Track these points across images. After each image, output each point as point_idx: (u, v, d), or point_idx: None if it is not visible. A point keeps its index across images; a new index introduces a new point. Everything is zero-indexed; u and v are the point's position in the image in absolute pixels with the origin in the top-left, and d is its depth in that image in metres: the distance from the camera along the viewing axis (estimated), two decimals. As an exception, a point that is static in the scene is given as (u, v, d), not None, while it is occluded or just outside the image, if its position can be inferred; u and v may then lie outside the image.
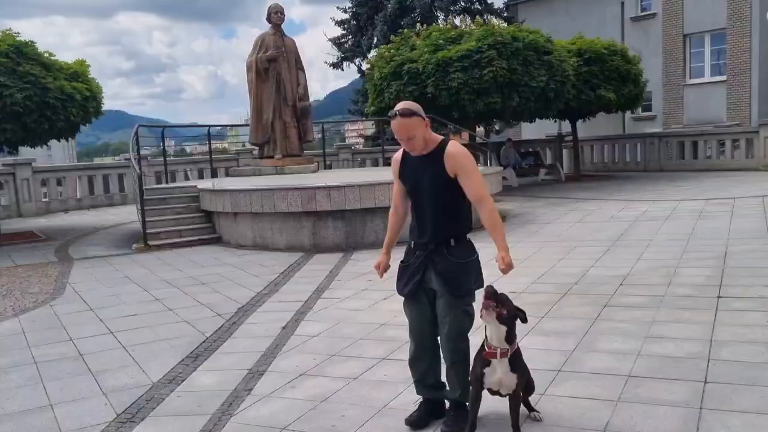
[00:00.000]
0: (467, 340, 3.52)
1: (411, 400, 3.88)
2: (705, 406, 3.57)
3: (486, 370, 3.30)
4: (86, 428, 3.84)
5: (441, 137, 3.51)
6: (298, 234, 9.76)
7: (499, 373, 3.28)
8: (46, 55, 11.51)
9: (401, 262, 3.60)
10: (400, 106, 3.38)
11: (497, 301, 3.24)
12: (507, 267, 3.35)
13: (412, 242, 3.56)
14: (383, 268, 3.68)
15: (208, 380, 4.53)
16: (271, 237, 9.98)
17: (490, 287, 3.30)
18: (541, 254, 8.22)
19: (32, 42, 11.38)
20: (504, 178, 15.10)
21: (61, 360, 5.11)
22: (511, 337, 3.30)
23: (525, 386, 3.45)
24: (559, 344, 4.75)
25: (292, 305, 6.47)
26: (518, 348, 3.37)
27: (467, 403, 3.59)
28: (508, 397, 3.37)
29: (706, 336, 4.69)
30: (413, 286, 3.49)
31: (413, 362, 3.65)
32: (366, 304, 6.31)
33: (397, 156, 3.59)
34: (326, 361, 4.75)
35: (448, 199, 3.42)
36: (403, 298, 3.61)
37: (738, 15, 22.01)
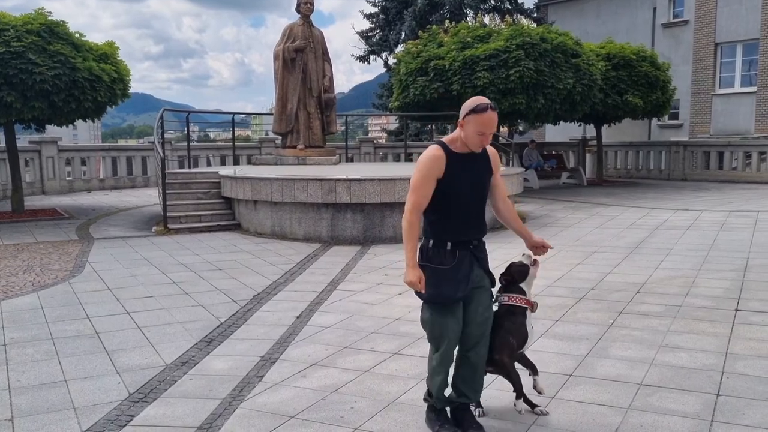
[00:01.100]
0: None
1: (420, 395, 3.87)
2: (716, 419, 3.54)
3: (528, 328, 3.64)
4: (99, 405, 3.90)
5: None
6: (316, 225, 9.80)
7: (533, 325, 3.67)
8: (76, 35, 11.64)
9: (436, 266, 3.33)
10: (484, 100, 3.26)
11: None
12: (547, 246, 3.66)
13: (449, 243, 3.33)
14: (424, 283, 3.29)
15: (221, 365, 4.57)
16: (290, 226, 10.03)
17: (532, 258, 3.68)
18: (559, 258, 8.17)
19: (64, 22, 11.51)
20: (525, 179, 15.03)
21: (77, 337, 5.19)
22: None
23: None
24: (572, 349, 4.73)
25: (307, 295, 6.50)
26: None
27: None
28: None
29: (722, 348, 4.64)
30: (470, 286, 3.34)
31: (443, 372, 3.42)
32: (381, 298, 6.33)
33: (440, 154, 3.29)
34: (338, 353, 4.77)
35: (487, 195, 3.51)
36: (420, 299, 3.42)
37: (772, 26, 21.64)
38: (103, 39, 13.90)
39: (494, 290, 3.53)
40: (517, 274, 3.63)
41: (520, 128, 27.91)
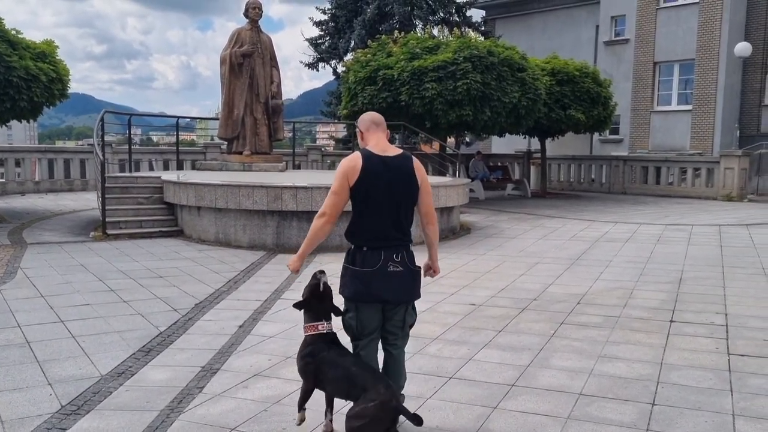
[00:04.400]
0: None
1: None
2: (651, 428, 3.63)
3: None
4: (28, 418, 3.73)
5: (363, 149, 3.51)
6: (261, 232, 9.67)
7: None
8: (12, 32, 11.22)
9: None
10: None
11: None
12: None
13: None
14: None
15: (159, 376, 4.44)
16: (234, 234, 9.87)
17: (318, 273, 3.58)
18: (503, 268, 8.29)
19: None
20: (471, 190, 15.22)
21: (6, 346, 4.96)
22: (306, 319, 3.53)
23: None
24: (514, 359, 4.79)
25: (250, 304, 6.40)
26: (306, 339, 3.50)
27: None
28: None
29: (657, 359, 4.78)
30: None
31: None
32: (325, 307, 6.27)
33: None
34: (281, 363, 4.70)
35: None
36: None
37: (707, 47, 22.61)
38: (42, 37, 13.43)
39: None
40: None
41: (467, 140, 28.30)
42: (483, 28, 29.61)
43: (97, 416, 3.78)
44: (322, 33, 30.38)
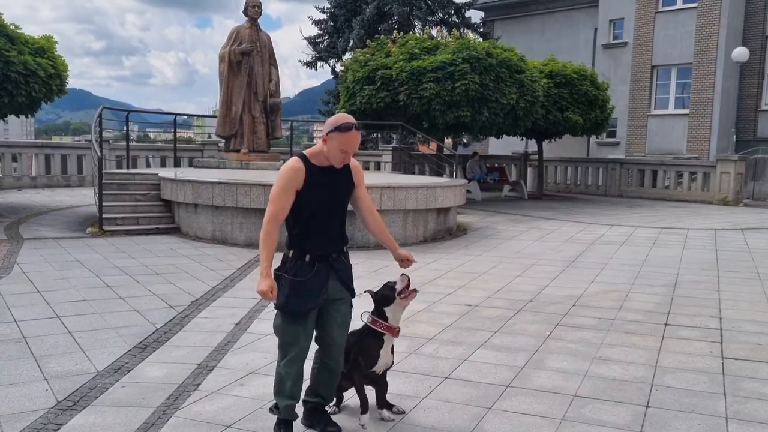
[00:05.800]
0: None
1: (357, 403, 3.84)
2: (645, 430, 3.65)
3: (381, 352, 3.58)
4: (24, 413, 3.73)
5: None
6: (258, 230, 9.61)
7: (390, 352, 3.61)
8: (11, 27, 11.20)
9: (291, 277, 3.35)
10: (350, 119, 3.36)
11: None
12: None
13: (308, 255, 3.38)
14: (276, 293, 3.29)
15: (155, 372, 4.45)
16: (231, 232, 9.88)
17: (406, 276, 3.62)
18: (499, 269, 8.31)
19: (-1, 13, 11.08)
20: (468, 191, 15.24)
21: (2, 341, 4.96)
22: None
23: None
24: (509, 360, 4.81)
25: (246, 302, 6.40)
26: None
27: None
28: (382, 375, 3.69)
29: (651, 361, 4.80)
30: (322, 299, 3.38)
31: (290, 378, 3.41)
32: (321, 306, 6.28)
33: (299, 167, 3.35)
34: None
35: (346, 208, 3.56)
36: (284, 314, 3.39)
37: (704, 52, 22.67)
38: (41, 32, 13.39)
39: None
40: (380, 300, 3.63)
41: (464, 140, 28.35)
42: (482, 30, 29.66)
43: (93, 412, 3.79)
44: (321, 32, 30.40)
